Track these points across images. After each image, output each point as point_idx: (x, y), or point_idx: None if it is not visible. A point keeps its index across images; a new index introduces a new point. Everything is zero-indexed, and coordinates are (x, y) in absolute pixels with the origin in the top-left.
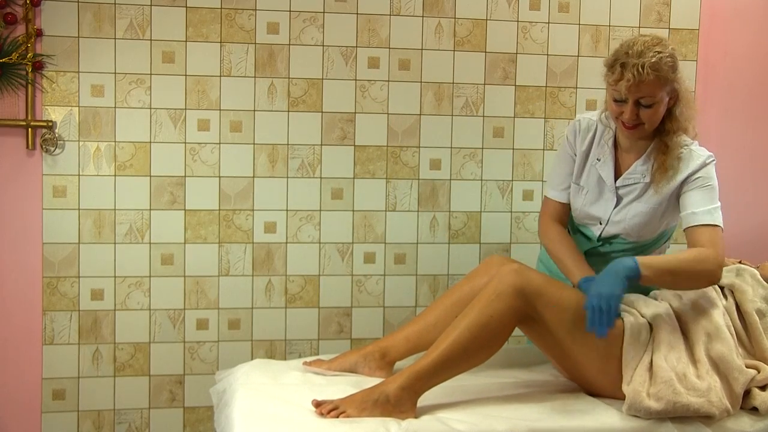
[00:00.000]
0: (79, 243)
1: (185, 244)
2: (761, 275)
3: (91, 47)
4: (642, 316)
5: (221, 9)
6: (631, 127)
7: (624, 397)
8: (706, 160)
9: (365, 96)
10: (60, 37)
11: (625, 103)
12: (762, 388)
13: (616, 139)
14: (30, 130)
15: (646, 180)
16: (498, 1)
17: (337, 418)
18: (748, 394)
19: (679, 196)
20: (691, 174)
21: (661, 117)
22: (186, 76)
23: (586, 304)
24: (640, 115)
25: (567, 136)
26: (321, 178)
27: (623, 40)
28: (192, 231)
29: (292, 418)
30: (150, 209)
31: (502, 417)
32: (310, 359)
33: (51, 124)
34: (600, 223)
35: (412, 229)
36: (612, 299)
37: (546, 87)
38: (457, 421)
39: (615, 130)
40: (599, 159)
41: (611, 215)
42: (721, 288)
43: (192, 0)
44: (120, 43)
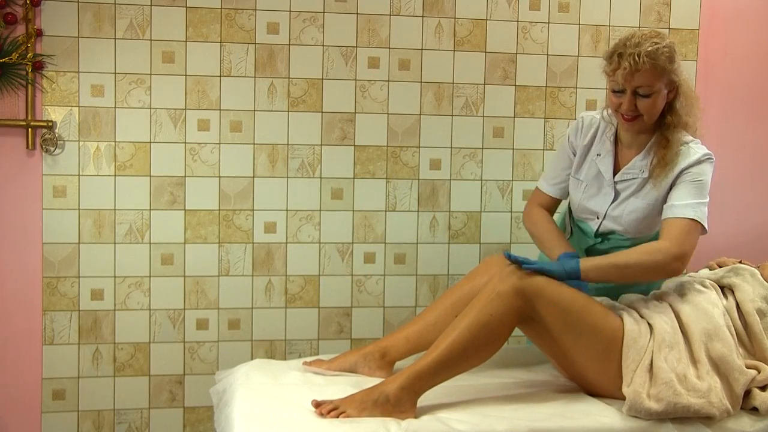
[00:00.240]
0: (79, 243)
1: (185, 244)
2: (761, 275)
3: (91, 47)
4: (642, 317)
5: (221, 9)
6: (630, 118)
7: (624, 398)
8: (702, 157)
9: (365, 96)
10: (60, 37)
11: (623, 94)
12: (762, 389)
13: (617, 135)
14: (30, 130)
15: (644, 175)
16: (498, 1)
17: (337, 418)
18: (748, 394)
19: (669, 190)
20: (684, 168)
21: (660, 109)
22: (186, 76)
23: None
24: (639, 105)
25: (568, 134)
26: (321, 178)
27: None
28: (192, 231)
29: (292, 418)
30: (150, 209)
31: (502, 417)
32: (310, 359)
33: (51, 124)
34: (597, 217)
35: (412, 229)
36: (532, 268)
37: (546, 87)
38: (457, 421)
39: (616, 126)
40: (599, 154)
41: (608, 210)
42: (722, 288)
43: (192, 0)
44: (120, 43)
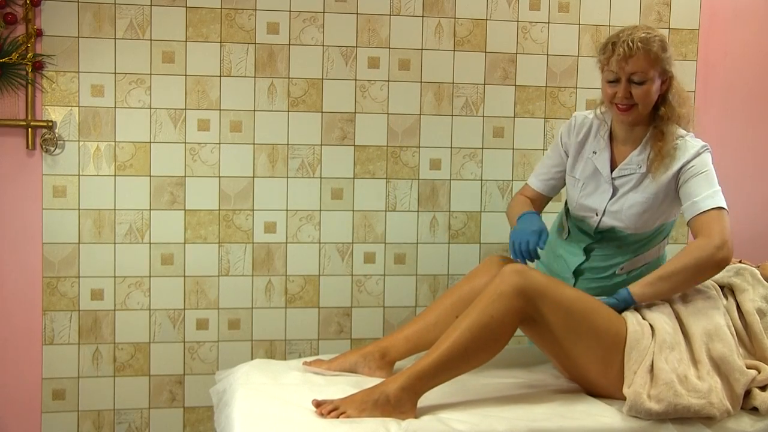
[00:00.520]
0: (79, 243)
1: (185, 244)
2: (761, 275)
3: (91, 47)
4: (643, 318)
5: (221, 9)
6: (625, 108)
7: (624, 398)
8: (700, 149)
9: (365, 96)
10: (60, 37)
11: (617, 83)
12: (762, 389)
13: (611, 133)
14: (30, 130)
15: (642, 170)
16: (498, 1)
17: (337, 418)
18: (748, 394)
19: (677, 189)
20: (685, 163)
21: (654, 99)
22: (186, 76)
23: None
24: (633, 94)
25: (561, 133)
26: (321, 178)
27: None
28: (192, 231)
29: (292, 418)
30: (150, 209)
31: (502, 417)
32: (310, 359)
33: (51, 124)
34: (596, 214)
35: (412, 229)
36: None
37: (546, 87)
38: (457, 421)
39: (611, 124)
40: (595, 151)
41: (607, 206)
42: (722, 288)
43: (192, 0)
44: (120, 43)
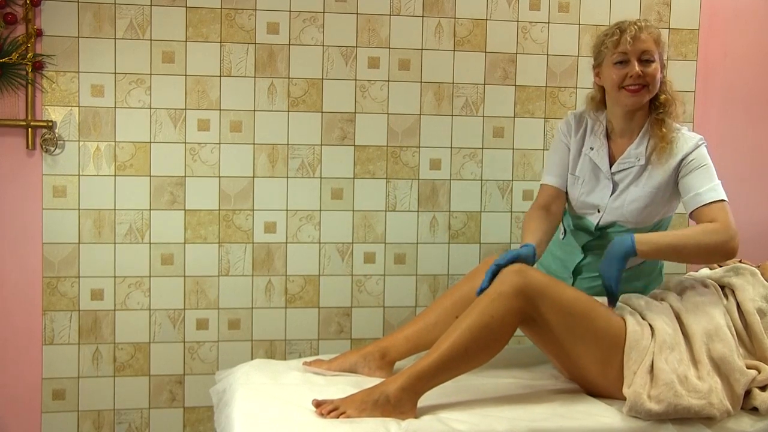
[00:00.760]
0: (79, 243)
1: (185, 244)
2: (762, 275)
3: (91, 47)
4: (643, 318)
5: (221, 9)
6: (636, 89)
7: (625, 398)
8: (699, 142)
9: (365, 96)
10: (60, 37)
11: (627, 64)
12: (762, 389)
13: (607, 130)
14: (30, 130)
15: (640, 162)
16: (498, 1)
17: (337, 418)
18: (748, 394)
19: (677, 182)
20: (684, 157)
21: (659, 83)
22: (186, 76)
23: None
24: (644, 72)
25: (560, 128)
26: (321, 178)
27: None
28: (192, 231)
29: (292, 418)
30: (150, 209)
31: (502, 417)
32: (310, 359)
33: (51, 124)
34: (598, 210)
35: (412, 229)
36: (611, 281)
37: (546, 87)
38: (457, 421)
39: (605, 121)
40: (592, 148)
41: (609, 202)
42: (722, 287)
43: (192, 0)
44: (120, 43)
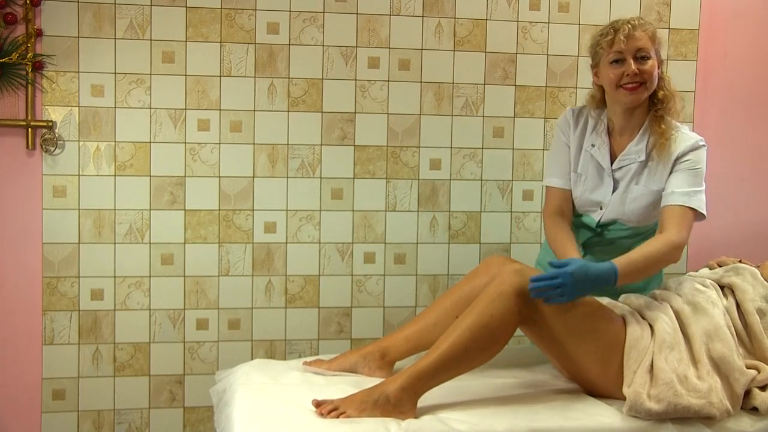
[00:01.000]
0: (79, 243)
1: (185, 244)
2: (761, 274)
3: (91, 47)
4: (643, 318)
5: (221, 9)
6: (634, 87)
7: (624, 398)
8: (698, 142)
9: (365, 96)
10: (60, 37)
11: (623, 63)
12: (762, 388)
13: (608, 128)
14: (30, 130)
15: (641, 159)
16: (498, 1)
17: (337, 418)
18: (748, 394)
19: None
20: (681, 155)
21: (656, 80)
22: (186, 76)
23: (555, 272)
24: (641, 69)
25: (559, 125)
26: (321, 178)
27: None
28: (192, 231)
29: (292, 418)
30: (150, 209)
31: (502, 417)
32: (310, 359)
33: (51, 124)
34: (600, 208)
35: (412, 229)
36: (571, 294)
37: (546, 87)
38: (457, 421)
39: (606, 118)
40: (594, 145)
41: (611, 198)
42: (722, 287)
43: (192, 0)
44: (120, 43)
